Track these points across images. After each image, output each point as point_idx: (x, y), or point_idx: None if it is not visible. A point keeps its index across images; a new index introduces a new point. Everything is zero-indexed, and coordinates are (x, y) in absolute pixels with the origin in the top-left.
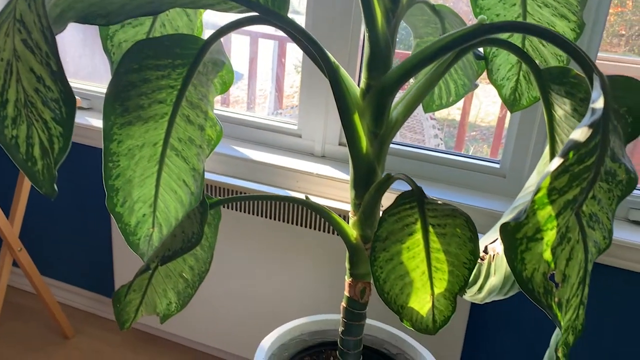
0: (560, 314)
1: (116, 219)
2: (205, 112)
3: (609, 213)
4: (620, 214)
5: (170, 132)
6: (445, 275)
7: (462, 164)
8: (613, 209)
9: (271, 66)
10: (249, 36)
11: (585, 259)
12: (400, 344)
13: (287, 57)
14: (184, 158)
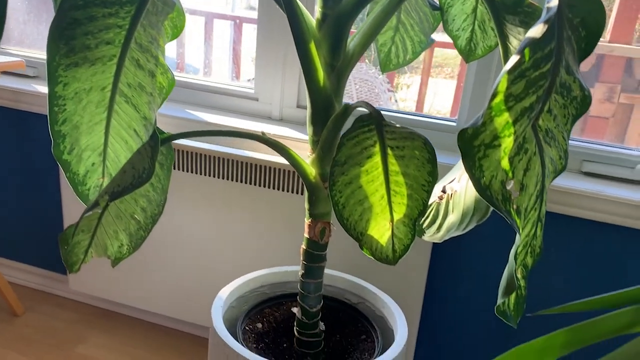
0: (520, 221)
1: (63, 167)
2: (155, 57)
3: (564, 133)
4: (574, 166)
5: (119, 76)
6: (404, 199)
7: (420, 123)
8: (568, 129)
9: (227, 52)
10: (204, 17)
11: (542, 173)
12: (361, 292)
13: (242, 43)
14: (134, 105)
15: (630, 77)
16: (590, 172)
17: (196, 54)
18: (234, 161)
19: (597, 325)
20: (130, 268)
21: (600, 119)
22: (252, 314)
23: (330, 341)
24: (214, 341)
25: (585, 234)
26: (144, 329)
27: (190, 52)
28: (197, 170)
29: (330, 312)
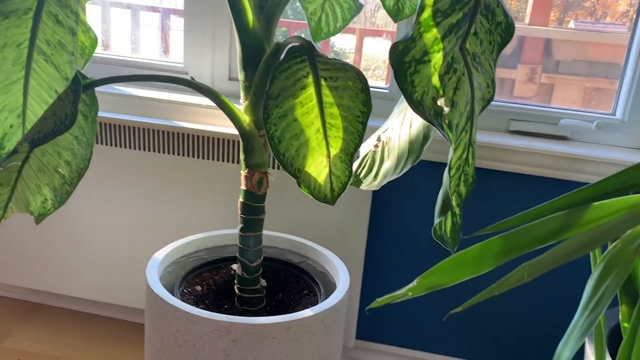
0: (452, 135)
1: None
2: (75, 13)
3: (491, 61)
4: (502, 126)
5: (37, 32)
6: (340, 132)
7: None
8: (494, 58)
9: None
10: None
11: (471, 95)
12: (302, 250)
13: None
14: (54, 65)
15: (550, 58)
16: (518, 130)
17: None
18: (162, 132)
19: (530, 231)
20: (57, 255)
21: (524, 99)
22: (190, 278)
23: (273, 300)
24: (150, 301)
25: (513, 186)
26: (77, 319)
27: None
28: (122, 143)
29: (272, 272)
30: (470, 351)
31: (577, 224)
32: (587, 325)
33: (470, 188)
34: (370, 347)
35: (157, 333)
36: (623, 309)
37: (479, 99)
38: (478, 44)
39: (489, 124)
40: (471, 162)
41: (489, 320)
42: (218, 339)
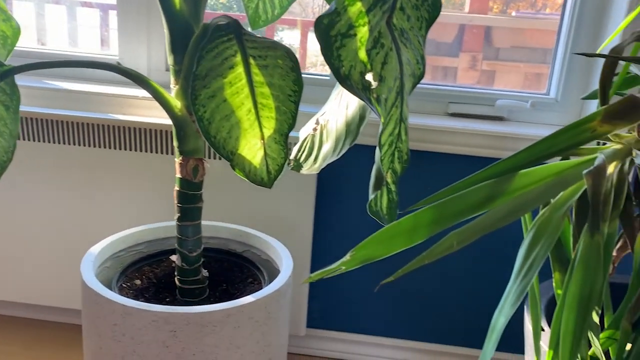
0: (380, 109)
1: None
2: None
3: (420, 38)
4: (441, 109)
5: None
6: (272, 112)
7: None
8: (423, 35)
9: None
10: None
11: (400, 70)
12: (246, 239)
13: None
14: None
15: (490, 45)
16: (456, 112)
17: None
18: (96, 125)
19: (460, 200)
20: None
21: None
22: (129, 272)
23: (217, 291)
24: (86, 296)
25: (452, 166)
26: (13, 324)
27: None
28: (55, 139)
29: (215, 263)
30: (419, 332)
31: (505, 192)
32: (519, 291)
33: (405, 165)
34: (322, 334)
35: (95, 329)
36: (556, 277)
37: (409, 75)
38: (405, 20)
39: (429, 107)
40: (404, 139)
41: (435, 300)
42: (157, 330)
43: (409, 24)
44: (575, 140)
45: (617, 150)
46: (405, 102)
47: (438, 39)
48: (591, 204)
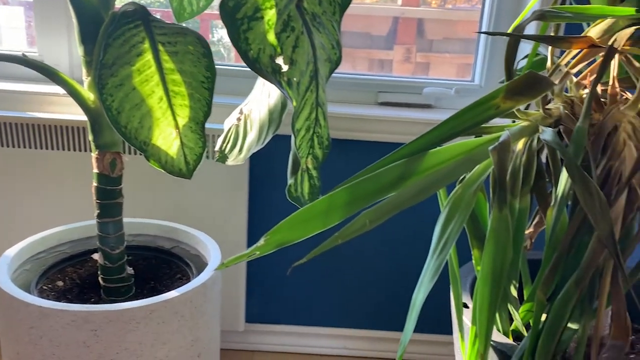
0: (292, 92)
1: None
2: None
3: (334, 22)
4: (371, 99)
5: None
6: (185, 100)
7: (225, 71)
8: (337, 20)
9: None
10: None
11: (313, 54)
12: (174, 235)
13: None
14: None
15: (423, 37)
16: (386, 101)
17: None
18: (9, 124)
19: (373, 180)
20: None
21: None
22: (51, 274)
23: (145, 288)
24: (0, 300)
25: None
26: None
27: None
28: None
29: (143, 260)
30: (357, 320)
31: (416, 171)
32: (436, 266)
33: (326, 151)
34: (261, 329)
35: (12, 334)
36: (475, 254)
37: (325, 60)
38: (317, 3)
39: (359, 97)
40: (323, 124)
41: (372, 287)
42: (76, 331)
43: (321, 9)
44: (481, 117)
45: (524, 127)
46: (322, 86)
47: (373, 32)
48: (497, 178)
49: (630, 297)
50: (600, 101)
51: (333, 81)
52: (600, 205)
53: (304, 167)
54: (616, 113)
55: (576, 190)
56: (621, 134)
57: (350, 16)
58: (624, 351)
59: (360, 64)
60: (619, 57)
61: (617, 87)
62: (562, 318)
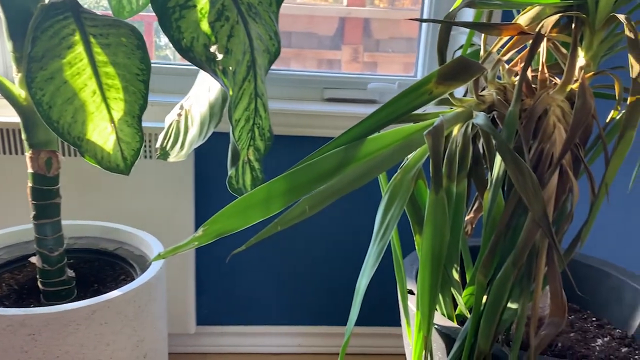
0: (227, 80)
1: None
2: None
3: (271, 14)
4: (317, 95)
5: None
6: (120, 93)
7: (169, 70)
8: (274, 11)
9: None
10: None
11: (250, 44)
12: (117, 236)
13: None
14: None
15: (369, 37)
16: (332, 97)
17: None
18: None
19: (312, 168)
20: None
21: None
22: None
23: (87, 292)
24: None
25: None
26: None
27: None
28: None
29: (85, 263)
30: (311, 316)
31: (355, 158)
32: (378, 252)
33: (268, 142)
34: (213, 330)
35: None
36: (417, 239)
37: (263, 51)
38: None
39: (305, 93)
40: (264, 115)
41: (322, 283)
42: (12, 336)
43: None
44: (415, 102)
45: (459, 113)
46: (260, 77)
47: (320, 33)
48: (432, 162)
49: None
50: (531, 87)
51: (279, 78)
52: (532, 186)
53: (245, 159)
54: (546, 97)
55: (509, 172)
56: (551, 117)
57: (296, 16)
58: (561, 327)
59: (309, 64)
60: (547, 44)
61: (547, 72)
62: (501, 298)
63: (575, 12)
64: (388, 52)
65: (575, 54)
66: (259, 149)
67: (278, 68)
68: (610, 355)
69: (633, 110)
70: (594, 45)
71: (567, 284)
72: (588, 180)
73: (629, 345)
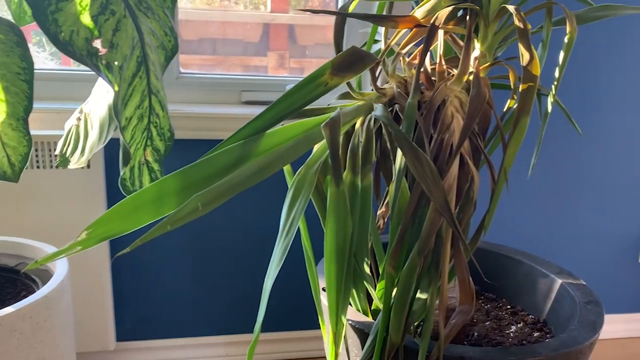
0: (111, 76)
1: None
2: None
3: (165, 9)
4: (235, 98)
5: None
6: (0, 94)
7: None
8: (169, 6)
9: None
10: None
11: (140, 40)
12: (18, 251)
13: None
14: None
15: (295, 43)
16: (249, 100)
17: None
18: None
19: (207, 164)
20: None
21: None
22: None
23: None
24: None
25: None
26: None
27: None
28: None
29: None
30: (235, 325)
31: (253, 153)
32: (283, 249)
33: (169, 143)
34: (135, 346)
35: None
36: None
37: (157, 47)
38: None
39: (223, 97)
40: (162, 114)
41: (246, 292)
42: None
43: None
44: (312, 94)
45: (359, 106)
46: (154, 73)
47: (245, 40)
48: (330, 155)
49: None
50: (431, 79)
51: (197, 82)
52: (432, 175)
53: (142, 160)
54: (444, 89)
55: (407, 162)
56: (449, 108)
57: (220, 23)
58: (470, 315)
59: (235, 71)
60: (445, 36)
61: (444, 64)
62: (409, 290)
63: (469, 4)
64: (314, 58)
65: (469, 45)
66: (158, 149)
67: (197, 72)
68: (522, 340)
69: (525, 97)
70: (488, 36)
71: (478, 274)
72: (488, 168)
73: (540, 329)
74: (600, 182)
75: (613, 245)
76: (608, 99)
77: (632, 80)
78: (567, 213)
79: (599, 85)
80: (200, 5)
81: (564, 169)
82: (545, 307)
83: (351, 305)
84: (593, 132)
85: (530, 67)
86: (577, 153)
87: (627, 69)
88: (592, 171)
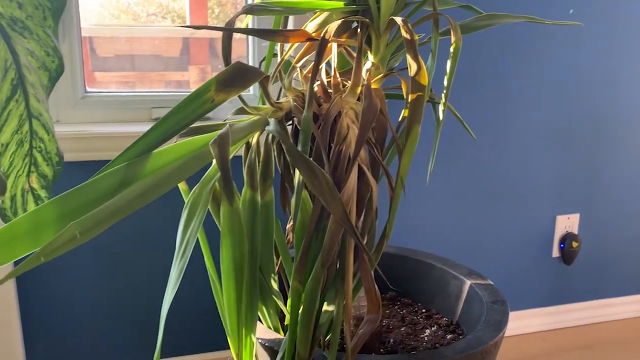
0: None
1: None
2: None
3: (46, 28)
4: (145, 116)
5: None
6: None
7: None
8: (51, 25)
9: None
10: None
11: (15, 61)
12: None
13: None
14: None
15: (216, 57)
16: (159, 117)
17: None
18: None
19: (88, 189)
20: None
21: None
22: None
23: None
24: None
25: None
26: None
27: None
28: None
29: None
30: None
31: (139, 175)
32: (179, 271)
33: (57, 167)
34: None
35: None
36: None
37: (38, 68)
38: (15, 7)
39: (133, 115)
40: (47, 138)
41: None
42: None
43: (23, 13)
44: (198, 111)
45: (255, 121)
46: (34, 96)
47: (165, 55)
48: (221, 172)
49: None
50: (327, 92)
51: (106, 100)
52: (328, 186)
53: (27, 187)
54: (339, 101)
55: (302, 175)
56: (344, 120)
57: (138, 39)
58: (377, 324)
59: (156, 87)
60: (339, 49)
61: (339, 77)
62: (314, 302)
63: (358, 17)
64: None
65: (360, 57)
66: (45, 175)
67: (104, 90)
68: (436, 343)
69: (415, 107)
70: (380, 48)
71: (395, 280)
72: (385, 177)
73: (453, 331)
74: (513, 183)
75: (528, 242)
76: (516, 101)
77: (536, 83)
78: (487, 215)
79: (508, 89)
80: (111, 21)
81: (478, 173)
82: (458, 309)
83: (262, 322)
84: (505, 135)
85: (418, 77)
86: (489, 156)
87: (528, 74)
88: (507, 172)
